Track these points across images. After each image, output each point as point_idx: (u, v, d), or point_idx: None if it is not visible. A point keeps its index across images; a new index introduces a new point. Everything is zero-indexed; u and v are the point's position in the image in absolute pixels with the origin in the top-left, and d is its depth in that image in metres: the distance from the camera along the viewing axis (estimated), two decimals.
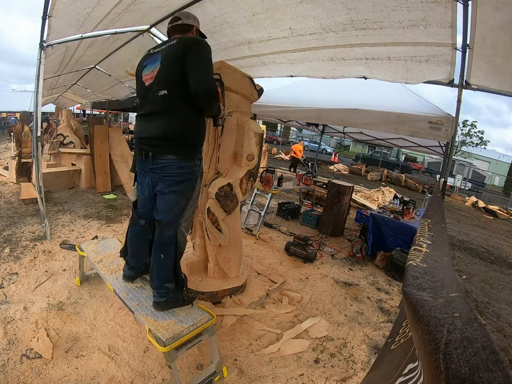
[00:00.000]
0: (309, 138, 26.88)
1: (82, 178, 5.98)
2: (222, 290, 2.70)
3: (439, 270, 0.83)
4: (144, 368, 1.95)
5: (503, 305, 3.69)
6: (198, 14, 2.98)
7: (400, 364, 0.75)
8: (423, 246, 1.03)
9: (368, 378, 1.15)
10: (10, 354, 1.92)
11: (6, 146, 10.35)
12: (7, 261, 2.97)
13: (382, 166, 19.09)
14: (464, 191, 17.58)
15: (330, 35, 2.69)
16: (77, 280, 2.73)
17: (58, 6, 2.44)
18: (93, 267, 2.56)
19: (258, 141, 2.43)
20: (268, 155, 12.83)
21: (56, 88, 8.66)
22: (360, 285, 3.50)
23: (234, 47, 3.52)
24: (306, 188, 5.93)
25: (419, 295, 0.65)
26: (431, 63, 2.59)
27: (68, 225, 4.03)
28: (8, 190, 5.35)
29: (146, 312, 1.89)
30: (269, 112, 4.43)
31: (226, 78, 2.38)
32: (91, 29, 3.28)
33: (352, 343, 2.48)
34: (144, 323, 1.80)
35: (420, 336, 0.55)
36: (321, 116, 3.88)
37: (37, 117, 3.21)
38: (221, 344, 2.23)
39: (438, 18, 2.06)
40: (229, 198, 2.39)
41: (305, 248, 3.84)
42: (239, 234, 2.93)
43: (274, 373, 2.06)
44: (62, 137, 7.17)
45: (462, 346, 0.46)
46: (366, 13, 2.27)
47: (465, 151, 25.12)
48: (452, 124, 2.89)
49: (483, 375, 0.41)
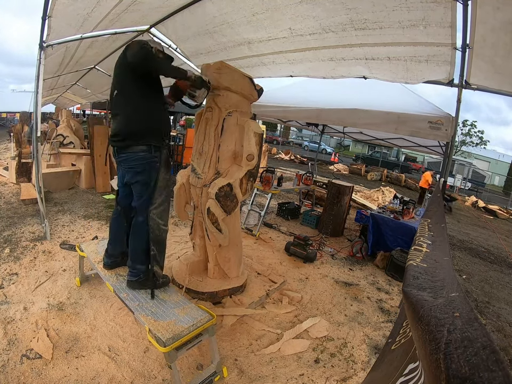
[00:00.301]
0: (309, 138, 26.89)
1: (82, 178, 5.97)
2: (222, 291, 2.70)
3: (439, 269, 0.83)
4: (144, 369, 1.95)
5: (503, 305, 3.69)
6: (198, 14, 3.01)
7: (401, 364, 0.75)
8: (423, 245, 1.03)
9: (369, 378, 1.15)
10: (11, 354, 1.92)
11: (6, 147, 10.35)
12: (7, 261, 2.97)
13: (382, 166, 19.10)
14: (464, 190, 17.59)
15: (330, 35, 2.69)
16: (77, 280, 2.73)
17: (58, 6, 2.43)
18: (93, 267, 2.56)
19: (258, 141, 2.43)
20: (268, 155, 12.82)
21: (56, 89, 8.67)
22: (360, 285, 3.50)
23: (234, 47, 3.52)
24: (306, 188, 5.93)
25: (419, 295, 0.65)
26: (431, 63, 2.59)
27: (67, 226, 4.03)
28: (8, 191, 5.35)
29: (146, 312, 1.89)
30: (269, 112, 4.43)
31: (226, 78, 2.39)
32: (91, 29, 3.28)
33: (352, 343, 2.48)
34: (144, 323, 1.80)
35: (420, 336, 0.55)
36: (321, 116, 3.87)
37: (36, 117, 3.21)
38: (221, 344, 2.23)
39: (438, 18, 2.06)
40: (229, 198, 2.39)
41: (305, 248, 3.84)
42: (239, 234, 2.93)
43: (275, 373, 2.06)
44: (62, 138, 7.18)
45: (463, 346, 0.46)
46: (365, 13, 2.27)
47: (465, 150, 25.12)
48: (451, 123, 2.89)
49: (483, 375, 0.41)
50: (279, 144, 25.14)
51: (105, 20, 2.98)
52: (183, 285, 2.66)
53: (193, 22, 3.19)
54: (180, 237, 4.08)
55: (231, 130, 2.45)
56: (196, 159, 2.58)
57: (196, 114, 2.72)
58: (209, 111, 2.49)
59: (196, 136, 2.63)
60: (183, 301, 2.09)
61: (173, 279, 2.81)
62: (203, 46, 3.73)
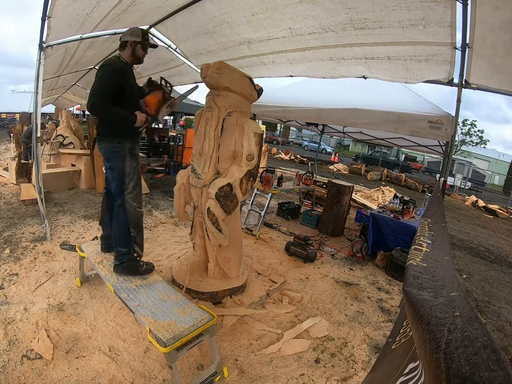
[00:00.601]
0: (309, 138, 26.88)
1: (82, 179, 5.97)
2: (222, 291, 2.70)
3: (439, 269, 0.83)
4: (145, 369, 1.95)
5: (503, 304, 3.69)
6: (198, 14, 3.00)
7: (401, 364, 0.75)
8: (423, 245, 1.03)
9: (369, 378, 1.15)
10: (11, 355, 1.92)
11: (6, 147, 10.35)
12: (7, 261, 2.97)
13: (382, 165, 19.09)
14: (464, 190, 17.57)
15: (330, 34, 2.69)
16: (77, 280, 2.73)
17: (57, 7, 2.43)
18: (93, 268, 2.56)
19: (258, 141, 2.43)
20: (268, 155, 12.83)
21: (56, 89, 8.67)
22: (360, 284, 3.50)
23: (234, 47, 3.52)
24: (306, 188, 5.93)
25: (419, 295, 0.65)
26: (431, 63, 2.59)
27: (68, 226, 4.03)
28: (8, 191, 5.35)
29: (146, 312, 1.89)
30: (269, 112, 4.43)
31: (226, 78, 2.39)
32: (90, 30, 3.28)
33: (353, 342, 2.48)
34: (144, 323, 1.80)
35: (420, 335, 0.54)
36: (321, 115, 3.87)
37: (36, 117, 3.21)
38: (222, 344, 2.24)
39: (438, 17, 2.06)
40: (229, 198, 2.39)
41: (306, 248, 3.84)
42: (239, 234, 2.93)
43: (275, 373, 2.06)
44: (61, 138, 7.17)
45: (463, 346, 0.46)
46: (365, 13, 2.27)
47: (465, 150, 25.12)
48: (451, 123, 2.89)
49: (484, 375, 0.40)
50: (279, 144, 25.14)
51: (104, 20, 2.99)
52: (183, 285, 2.66)
53: (193, 22, 3.19)
54: (180, 237, 4.08)
55: (231, 130, 2.45)
56: (196, 159, 2.58)
57: (195, 114, 2.72)
58: (209, 111, 2.49)
59: (196, 136, 2.63)
60: (183, 301, 2.09)
61: (173, 279, 2.81)
62: (203, 46, 3.73)
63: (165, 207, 5.37)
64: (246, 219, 4.84)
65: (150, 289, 2.19)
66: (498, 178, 26.02)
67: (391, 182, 14.59)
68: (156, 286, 2.27)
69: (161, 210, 5.17)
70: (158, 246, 3.71)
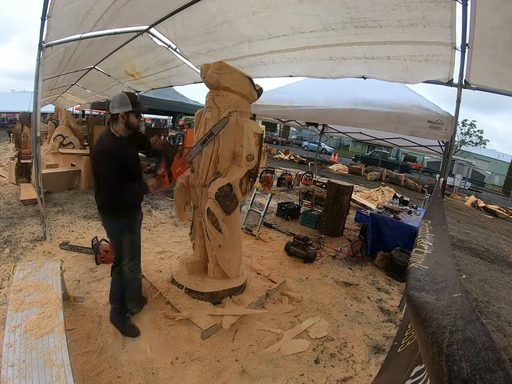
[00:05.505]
0: (309, 138, 26.87)
1: (82, 179, 5.96)
2: (222, 291, 2.69)
3: (441, 271, 0.83)
4: None
5: (503, 305, 3.69)
6: (198, 14, 3.00)
7: (408, 367, 0.74)
8: (425, 247, 1.03)
9: (377, 382, 1.15)
10: None
11: (5, 147, 10.33)
12: (7, 261, 2.96)
13: (382, 165, 19.08)
14: (464, 190, 17.57)
15: (331, 33, 2.68)
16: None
17: (57, 6, 2.43)
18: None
19: (258, 141, 2.43)
20: (268, 155, 12.82)
21: (56, 89, 8.65)
22: (360, 284, 3.49)
23: (234, 47, 3.51)
24: (306, 188, 5.93)
25: (422, 298, 0.65)
26: (430, 63, 2.58)
27: (67, 226, 4.02)
28: (7, 191, 5.34)
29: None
30: (269, 112, 4.42)
31: (225, 78, 2.38)
32: (90, 28, 3.27)
33: (352, 343, 2.48)
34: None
35: (423, 338, 0.54)
36: (321, 115, 3.87)
37: (36, 117, 3.21)
38: (221, 344, 2.23)
39: (437, 17, 2.06)
40: (228, 198, 2.38)
41: (305, 248, 3.84)
42: (239, 234, 2.92)
43: (275, 373, 2.06)
44: (61, 138, 7.16)
45: (464, 348, 0.45)
46: (365, 12, 2.26)
47: (464, 150, 25.13)
48: (451, 123, 2.89)
49: (485, 376, 0.40)
50: (278, 144, 25.11)
51: (104, 17, 2.96)
52: (183, 285, 2.66)
53: (193, 21, 3.18)
54: (179, 237, 4.08)
55: (231, 131, 2.44)
56: (196, 159, 2.57)
57: (195, 114, 2.71)
58: (209, 111, 2.49)
59: (196, 136, 2.63)
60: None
61: (173, 279, 2.80)
62: (203, 45, 3.72)
63: (164, 207, 5.36)
64: (246, 219, 4.84)
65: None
66: (498, 178, 26.03)
67: (390, 182, 14.59)
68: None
69: (161, 210, 5.16)
70: (158, 246, 3.71)
